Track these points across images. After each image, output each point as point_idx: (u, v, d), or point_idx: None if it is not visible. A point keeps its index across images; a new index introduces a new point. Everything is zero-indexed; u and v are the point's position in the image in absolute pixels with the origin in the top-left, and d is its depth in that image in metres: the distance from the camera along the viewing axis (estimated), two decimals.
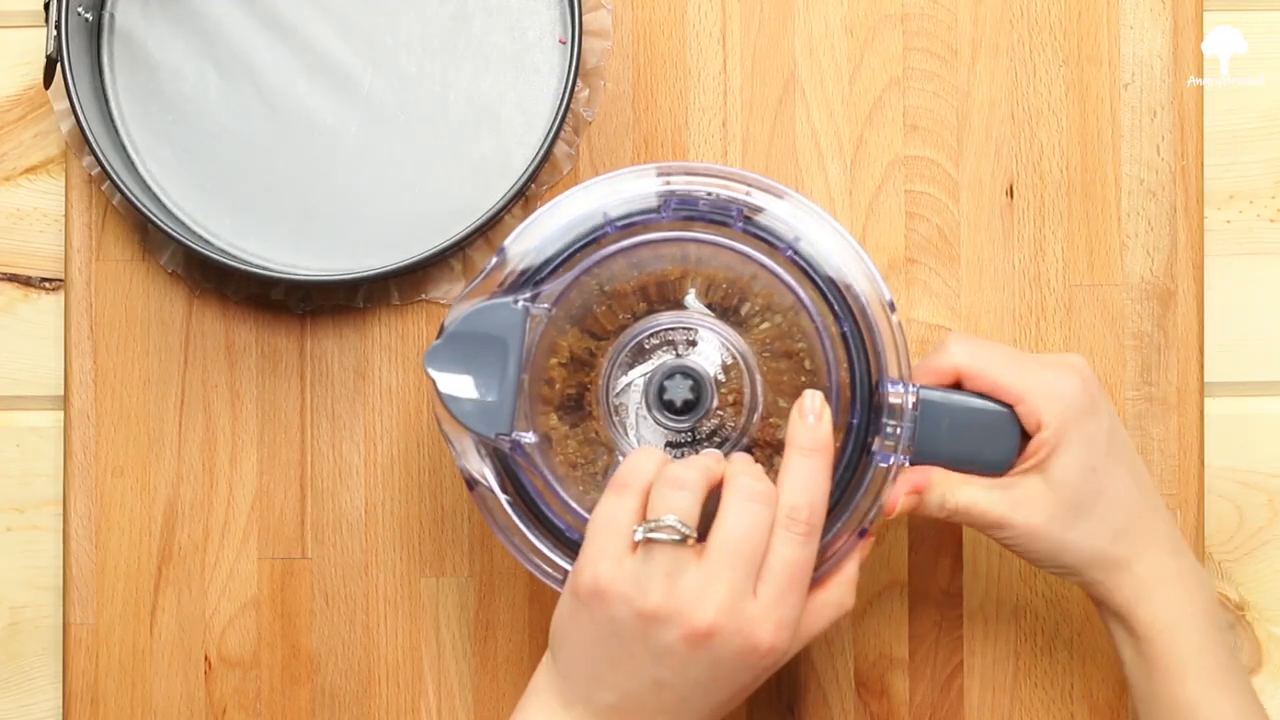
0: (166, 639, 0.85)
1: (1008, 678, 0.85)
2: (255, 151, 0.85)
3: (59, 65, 0.81)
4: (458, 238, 0.82)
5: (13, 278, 0.87)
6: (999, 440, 0.75)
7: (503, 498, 0.76)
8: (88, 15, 0.83)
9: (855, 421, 0.75)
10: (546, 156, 0.83)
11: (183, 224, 0.84)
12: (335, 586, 0.85)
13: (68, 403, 0.85)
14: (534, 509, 0.77)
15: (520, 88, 0.85)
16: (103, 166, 0.81)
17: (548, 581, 0.76)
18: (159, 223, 0.81)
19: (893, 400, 0.74)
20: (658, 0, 0.86)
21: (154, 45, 0.85)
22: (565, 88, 0.82)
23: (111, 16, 0.85)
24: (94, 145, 0.81)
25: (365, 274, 0.82)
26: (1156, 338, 0.85)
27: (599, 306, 0.78)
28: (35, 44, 0.86)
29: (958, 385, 0.76)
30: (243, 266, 0.82)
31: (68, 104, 0.81)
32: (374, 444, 0.86)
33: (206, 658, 0.85)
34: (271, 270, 0.83)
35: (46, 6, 0.81)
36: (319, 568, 0.85)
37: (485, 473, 0.76)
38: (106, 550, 0.85)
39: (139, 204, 0.81)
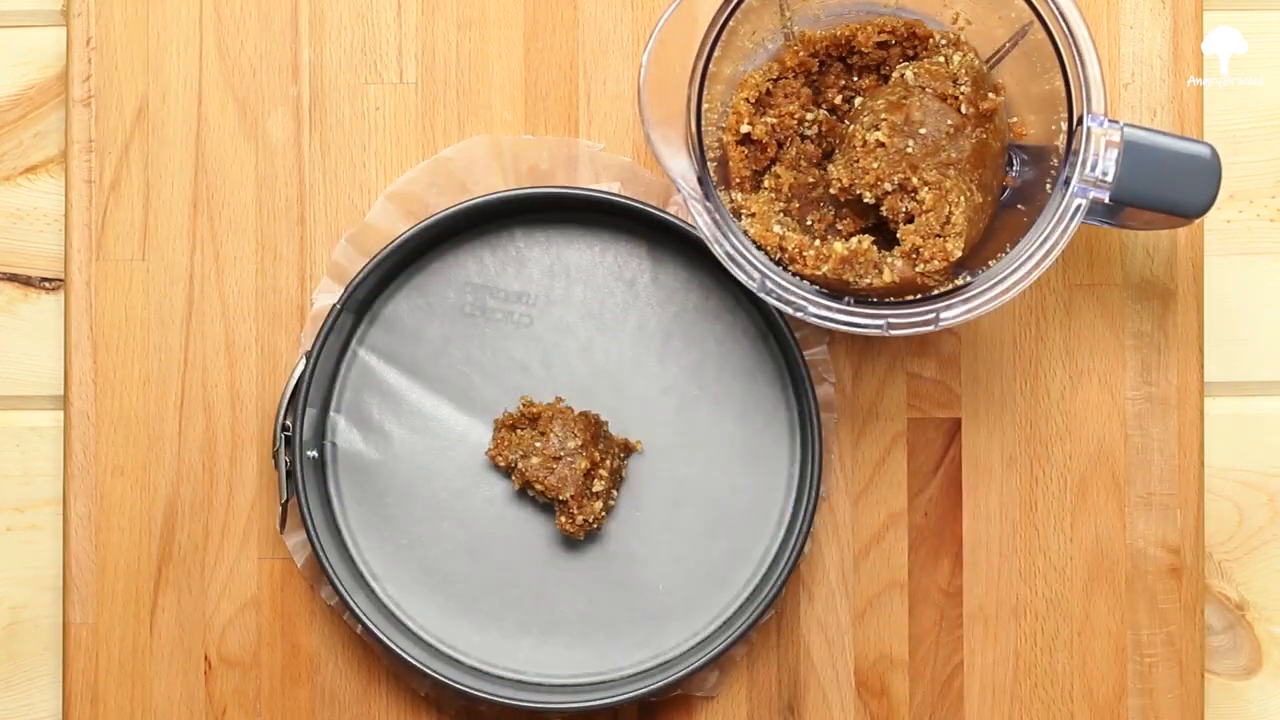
0: (166, 639, 0.85)
1: (1008, 678, 0.85)
2: (492, 565, 0.84)
3: (298, 506, 0.81)
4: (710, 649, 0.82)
5: (13, 278, 0.87)
6: (1200, 184, 0.75)
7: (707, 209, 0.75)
8: (313, 453, 0.82)
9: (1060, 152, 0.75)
10: (795, 561, 0.82)
11: (431, 647, 0.83)
12: None
13: (68, 403, 0.85)
14: None
15: (754, 478, 0.84)
16: (343, 597, 0.81)
17: None
18: (407, 657, 0.81)
19: (1098, 135, 0.73)
20: None
21: (379, 469, 0.84)
22: (806, 486, 0.82)
23: (333, 445, 0.84)
24: (333, 577, 0.81)
25: (616, 678, 0.83)
26: (1156, 338, 0.85)
27: (787, 47, 0.78)
28: (35, 44, 0.86)
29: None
30: (490, 697, 0.81)
31: (304, 536, 0.82)
32: None
33: (206, 658, 0.85)
34: (524, 679, 0.83)
35: (275, 455, 0.81)
36: None
37: (687, 174, 0.75)
38: (106, 550, 0.85)
39: (382, 635, 0.81)
